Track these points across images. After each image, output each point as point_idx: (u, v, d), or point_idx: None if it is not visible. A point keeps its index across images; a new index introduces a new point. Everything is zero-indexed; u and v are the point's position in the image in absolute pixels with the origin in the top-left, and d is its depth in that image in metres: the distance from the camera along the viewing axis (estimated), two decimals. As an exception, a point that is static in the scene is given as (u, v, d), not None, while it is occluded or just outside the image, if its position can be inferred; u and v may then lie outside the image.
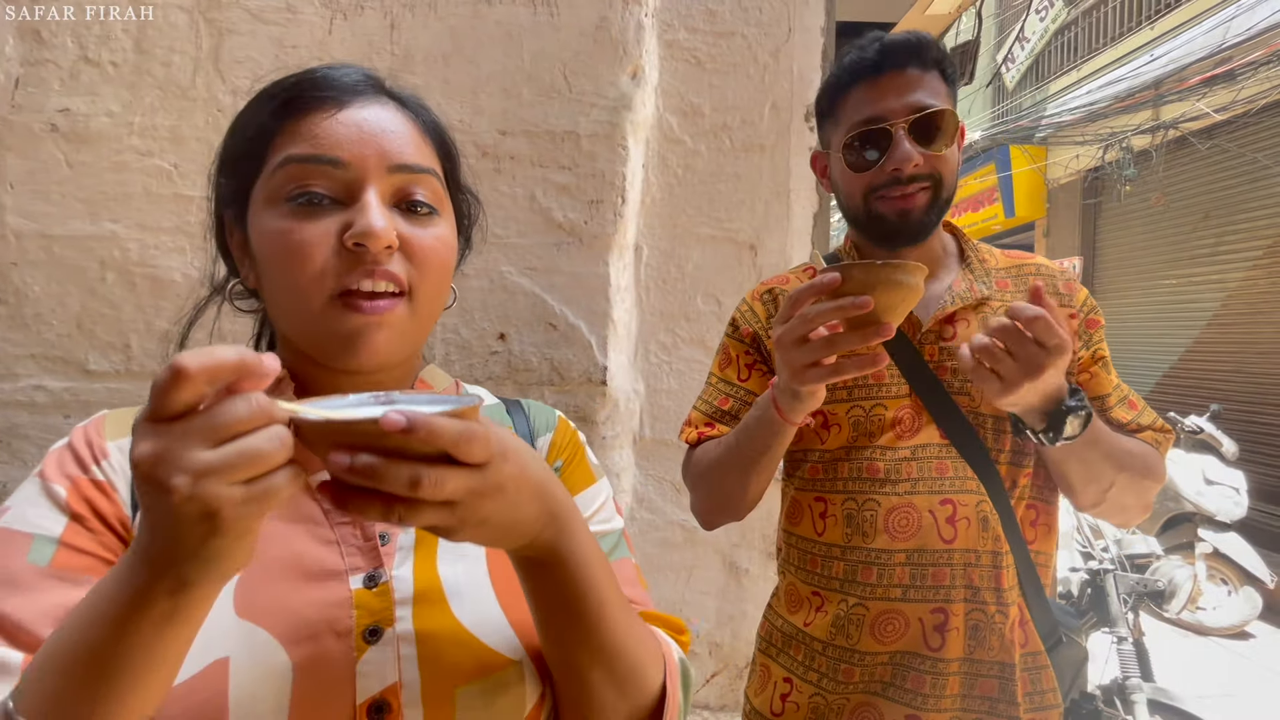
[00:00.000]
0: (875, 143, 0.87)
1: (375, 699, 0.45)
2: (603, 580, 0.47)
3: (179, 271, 1.18)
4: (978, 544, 0.85)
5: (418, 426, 0.32)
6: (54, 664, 0.35)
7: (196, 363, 0.31)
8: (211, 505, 0.31)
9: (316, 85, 0.50)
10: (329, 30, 1.19)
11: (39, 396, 1.17)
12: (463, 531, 0.38)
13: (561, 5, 1.22)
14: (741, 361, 0.99)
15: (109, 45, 1.16)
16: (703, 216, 1.34)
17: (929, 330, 0.90)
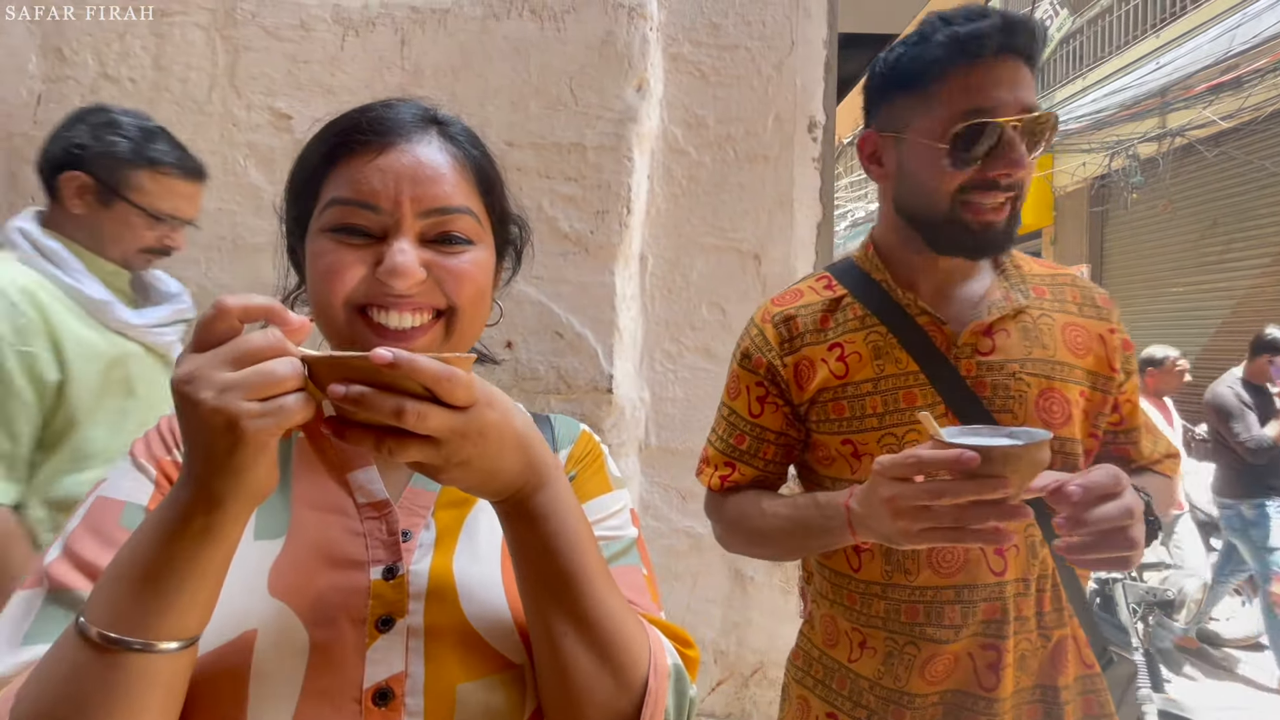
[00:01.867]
0: (982, 139, 0.74)
1: (381, 685, 0.47)
2: (583, 545, 0.49)
3: (194, 283, 1.20)
4: (1027, 571, 0.78)
5: (401, 361, 0.37)
6: (116, 577, 0.40)
7: (235, 301, 0.38)
8: (233, 416, 0.36)
9: (362, 128, 0.53)
10: (341, 46, 1.22)
11: (56, 404, 1.19)
12: (447, 471, 0.42)
13: (568, 20, 1.24)
14: (752, 395, 0.89)
15: (128, 62, 1.19)
16: (707, 226, 1.35)
17: (965, 344, 0.80)
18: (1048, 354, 0.81)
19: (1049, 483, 0.62)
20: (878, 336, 0.83)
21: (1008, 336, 0.81)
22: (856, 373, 0.83)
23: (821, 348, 0.85)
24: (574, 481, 0.61)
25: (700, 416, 1.36)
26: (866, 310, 0.85)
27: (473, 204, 0.55)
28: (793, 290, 0.92)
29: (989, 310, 0.80)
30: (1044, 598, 0.80)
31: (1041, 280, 0.86)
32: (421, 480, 0.56)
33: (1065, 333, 0.82)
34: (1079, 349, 0.82)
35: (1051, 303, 0.84)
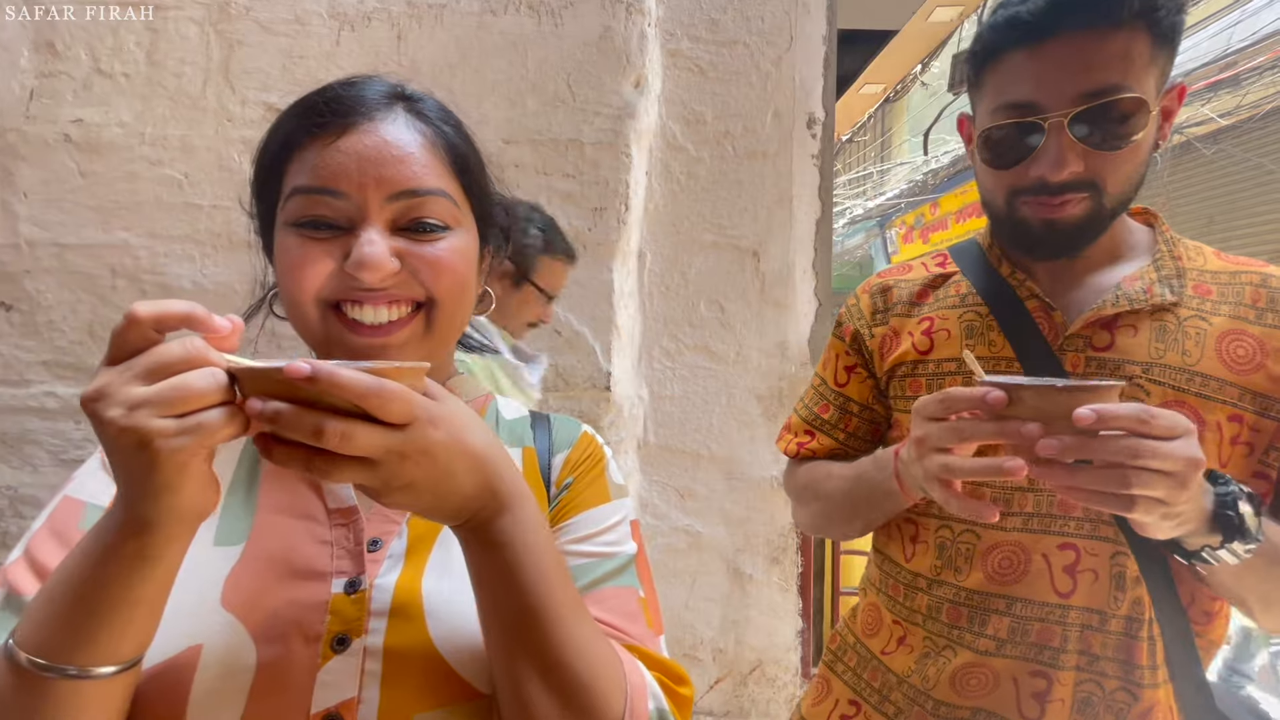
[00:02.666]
0: (1024, 136, 0.66)
1: (329, 711, 0.43)
2: (550, 576, 0.44)
3: (188, 279, 1.19)
4: (1106, 605, 0.67)
5: (320, 375, 0.33)
6: (47, 601, 0.38)
7: (148, 309, 0.34)
8: (144, 434, 0.33)
9: (320, 110, 0.49)
10: (336, 42, 1.21)
11: (50, 403, 1.18)
12: (390, 495, 0.38)
13: (565, 16, 1.23)
14: (840, 363, 0.86)
15: (121, 57, 1.18)
16: (705, 223, 1.35)
17: (1075, 334, 0.70)
18: (1186, 362, 0.66)
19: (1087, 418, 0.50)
20: (974, 316, 0.75)
21: (1133, 335, 0.68)
22: (940, 350, 0.76)
23: (912, 320, 0.79)
24: (570, 490, 0.56)
25: (699, 414, 1.36)
26: (971, 288, 0.76)
27: (447, 185, 0.50)
28: (904, 264, 0.86)
29: (1117, 300, 0.68)
30: (1137, 645, 0.67)
31: (1211, 276, 0.71)
32: None
33: (1223, 341, 0.67)
34: (1240, 362, 0.66)
35: (1216, 303, 0.69)
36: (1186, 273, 0.71)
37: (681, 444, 1.36)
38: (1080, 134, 0.64)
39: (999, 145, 0.69)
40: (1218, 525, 0.57)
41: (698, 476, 1.37)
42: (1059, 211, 0.67)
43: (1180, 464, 0.51)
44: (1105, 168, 0.65)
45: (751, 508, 1.38)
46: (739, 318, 1.36)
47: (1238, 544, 0.57)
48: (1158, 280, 0.70)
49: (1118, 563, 0.67)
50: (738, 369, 1.36)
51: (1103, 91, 0.63)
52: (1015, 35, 0.66)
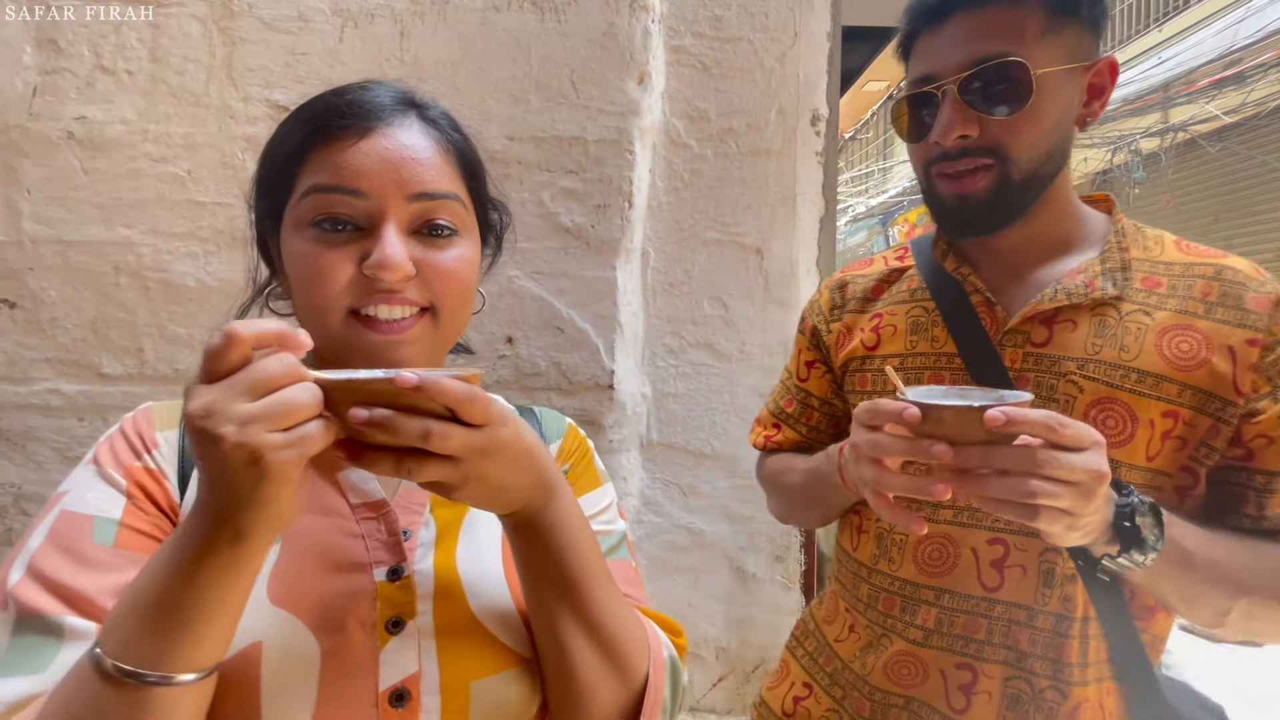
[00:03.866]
0: (925, 107, 0.70)
1: (396, 687, 0.47)
2: (588, 552, 0.49)
3: (192, 276, 1.19)
4: (1033, 600, 0.68)
5: (428, 385, 0.36)
6: (132, 610, 0.39)
7: (247, 329, 0.37)
8: (256, 450, 0.35)
9: (341, 112, 0.50)
10: (340, 39, 1.21)
11: (54, 400, 1.19)
12: (464, 488, 0.41)
13: (569, 13, 1.23)
14: (802, 358, 0.89)
15: (124, 54, 1.18)
16: (709, 221, 1.34)
17: (1014, 329, 0.70)
18: (1123, 358, 0.66)
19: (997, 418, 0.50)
20: (920, 311, 0.76)
21: (1072, 329, 0.68)
22: (887, 346, 0.78)
23: (864, 316, 0.82)
24: (567, 476, 0.60)
25: (702, 412, 1.36)
26: (922, 284, 0.78)
27: (458, 189, 0.53)
28: (868, 259, 0.89)
29: (1056, 294, 0.68)
30: (1066, 643, 0.67)
31: (1165, 269, 0.69)
32: None
33: (1164, 336, 0.66)
34: (1182, 358, 0.65)
35: (1163, 297, 0.68)
36: (1135, 265, 0.70)
37: (684, 442, 1.36)
38: (969, 99, 0.67)
39: (908, 121, 0.72)
40: (1116, 535, 0.58)
41: (701, 474, 1.36)
42: (965, 184, 0.69)
43: (1085, 475, 0.52)
44: (1003, 134, 0.67)
45: (755, 505, 1.37)
46: (742, 315, 1.35)
47: (1135, 553, 0.58)
48: (1101, 274, 0.69)
49: (1047, 559, 0.67)
50: (741, 367, 1.35)
51: (988, 58, 0.65)
52: (921, 20, 0.70)
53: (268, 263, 0.59)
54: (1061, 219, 0.73)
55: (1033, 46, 0.65)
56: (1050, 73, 0.65)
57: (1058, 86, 0.66)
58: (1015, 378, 0.69)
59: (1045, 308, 0.69)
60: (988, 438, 0.51)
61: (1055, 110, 0.67)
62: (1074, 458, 0.52)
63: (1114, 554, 0.59)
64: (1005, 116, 0.66)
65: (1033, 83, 0.65)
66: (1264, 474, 0.66)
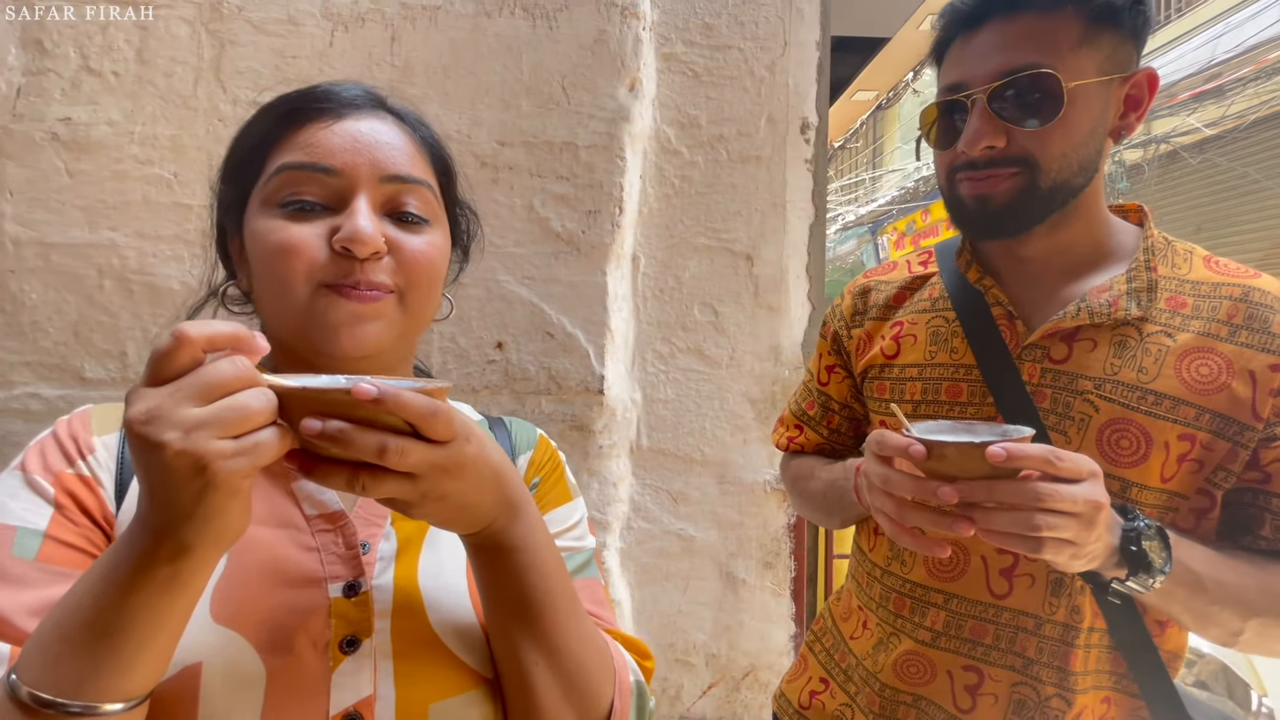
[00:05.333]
0: (954, 116, 0.70)
1: (349, 711, 0.44)
2: (553, 575, 0.47)
3: (177, 280, 1.18)
4: (1040, 609, 0.68)
5: (386, 397, 0.34)
6: (57, 632, 0.35)
7: (197, 330, 0.34)
8: (202, 458, 0.32)
9: (316, 98, 0.51)
10: (330, 42, 1.20)
11: (34, 404, 1.17)
12: (422, 506, 0.39)
13: (560, 19, 1.23)
14: (823, 362, 0.90)
15: (111, 55, 1.17)
16: (699, 227, 1.35)
17: (1034, 344, 0.70)
18: (1141, 379, 0.65)
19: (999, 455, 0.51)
20: (941, 321, 0.76)
21: (1092, 348, 0.67)
22: (906, 355, 0.77)
23: (884, 324, 0.82)
24: (538, 490, 0.58)
25: (692, 418, 1.36)
26: (944, 293, 0.78)
27: (430, 179, 0.53)
28: (890, 263, 0.88)
29: (1079, 312, 0.68)
30: (1072, 652, 0.67)
31: (1192, 288, 0.68)
32: None
33: (1184, 359, 0.65)
34: (1201, 382, 0.64)
35: (1187, 318, 0.67)
36: (1161, 284, 0.69)
37: (674, 447, 1.36)
38: (998, 109, 0.66)
39: (937, 127, 0.72)
40: (1124, 559, 0.58)
41: (690, 480, 1.36)
42: (988, 186, 0.68)
43: (1084, 506, 0.53)
44: (1032, 145, 0.66)
45: (744, 512, 1.37)
46: (732, 321, 1.36)
47: (1144, 576, 0.58)
48: (1126, 293, 0.68)
49: (1055, 571, 0.68)
50: (731, 372, 1.36)
51: (1019, 69, 0.64)
52: (955, 26, 0.70)
53: (225, 262, 0.58)
54: (1090, 230, 0.72)
55: (1067, 57, 0.64)
56: (1084, 84, 0.64)
57: (1091, 98, 0.65)
58: (1032, 393, 0.69)
59: (1067, 325, 0.68)
60: (991, 473, 0.52)
61: (1088, 122, 0.66)
62: (1074, 489, 0.53)
63: (1122, 577, 0.59)
64: (1035, 128, 0.65)
65: (1064, 95, 0.64)
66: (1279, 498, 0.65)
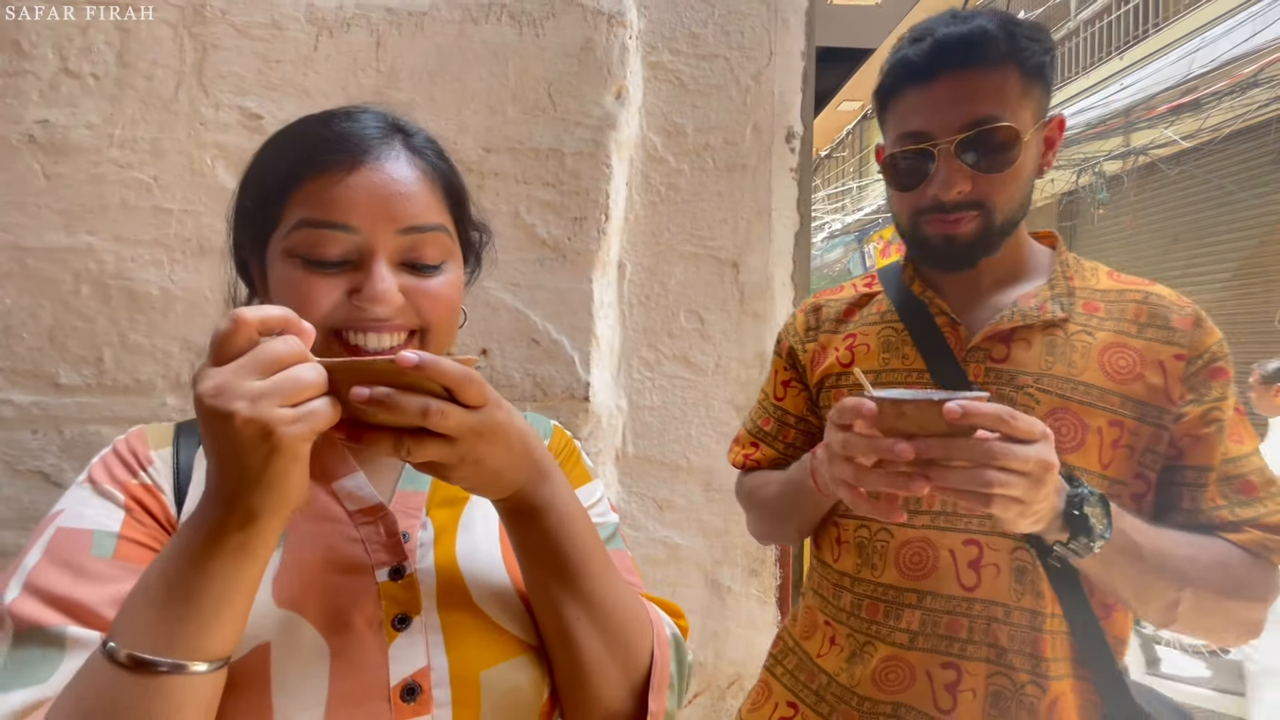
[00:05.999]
0: (920, 161, 0.75)
1: (407, 681, 0.48)
2: (585, 532, 0.51)
3: (155, 284, 1.16)
4: (1007, 597, 0.72)
5: (427, 364, 0.38)
6: (144, 599, 0.39)
7: (252, 313, 0.38)
8: (268, 424, 0.36)
9: (329, 145, 0.51)
10: (314, 47, 1.20)
11: (6, 411, 1.14)
12: (460, 469, 0.43)
13: (547, 26, 1.24)
14: (779, 378, 0.94)
15: (90, 57, 1.15)
16: (685, 234, 1.35)
17: (977, 347, 0.77)
18: (1071, 373, 0.73)
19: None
20: (891, 331, 0.83)
21: (1027, 348, 0.75)
22: (861, 362, 0.83)
23: (837, 337, 0.88)
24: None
25: (678, 425, 1.36)
26: (891, 307, 0.85)
27: (444, 220, 0.54)
28: (838, 286, 0.95)
29: (1013, 315, 0.76)
30: (1040, 638, 0.71)
31: (1101, 295, 0.78)
32: (410, 482, 0.56)
33: (1105, 354, 0.74)
34: (1121, 373, 0.73)
35: (1102, 320, 0.76)
36: (1077, 292, 0.79)
37: (660, 455, 1.35)
38: (965, 159, 0.73)
39: (901, 170, 0.77)
40: (1066, 523, 0.62)
41: (676, 488, 1.36)
42: (955, 228, 0.75)
43: (1034, 465, 0.56)
44: (990, 189, 0.74)
45: (730, 519, 1.37)
46: (718, 329, 1.36)
47: (1084, 539, 0.62)
48: (1050, 298, 0.77)
49: (1018, 557, 0.72)
50: (717, 380, 1.36)
51: (981, 121, 0.72)
52: (907, 75, 0.75)
53: (247, 283, 0.59)
54: (1017, 250, 0.82)
55: (1016, 109, 0.72)
56: (1029, 133, 0.73)
57: (1031, 144, 0.74)
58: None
59: (1004, 327, 0.76)
60: (947, 430, 0.55)
61: (1030, 164, 0.76)
62: (1025, 449, 0.56)
63: (1064, 541, 0.63)
64: (996, 174, 0.73)
65: (1020, 145, 0.72)
66: (1194, 469, 0.73)
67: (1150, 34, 5.87)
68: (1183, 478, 0.73)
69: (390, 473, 0.56)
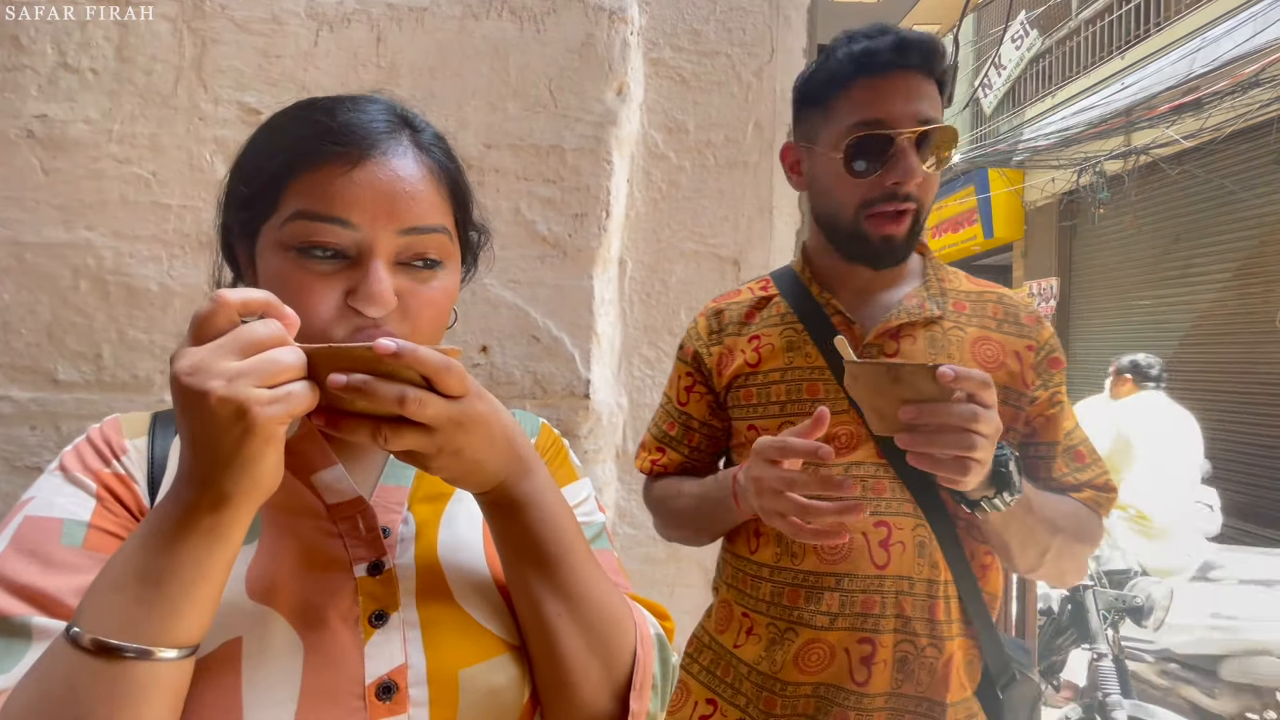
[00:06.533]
0: (876, 150, 0.78)
1: (383, 680, 0.47)
2: (569, 530, 0.50)
3: (154, 280, 1.16)
4: (912, 570, 0.80)
5: (404, 351, 0.38)
6: (110, 583, 0.38)
7: (234, 295, 0.38)
8: (243, 404, 0.35)
9: (334, 136, 0.48)
10: (314, 42, 1.19)
11: (4, 407, 1.14)
12: (439, 459, 0.42)
13: (548, 22, 1.23)
14: (682, 383, 0.97)
15: (89, 52, 1.15)
16: (686, 231, 1.35)
17: (871, 343, 0.84)
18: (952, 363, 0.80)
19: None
20: (792, 332, 0.88)
21: (914, 342, 0.84)
22: (768, 362, 0.88)
23: (743, 339, 0.91)
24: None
25: (678, 423, 1.35)
26: (789, 308, 0.90)
27: (446, 220, 0.53)
28: (734, 290, 0.99)
29: (899, 315, 0.84)
30: (936, 603, 0.80)
31: (965, 296, 0.89)
32: (392, 477, 0.55)
33: (975, 346, 0.85)
34: (989, 362, 0.84)
35: (969, 317, 0.87)
36: (949, 292, 0.88)
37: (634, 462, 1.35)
38: (921, 152, 0.78)
39: (862, 155, 0.80)
40: (994, 480, 0.70)
41: (677, 486, 1.35)
42: (897, 224, 0.81)
43: (995, 429, 0.63)
44: (927, 187, 0.81)
45: (730, 517, 1.37)
46: (719, 326, 1.35)
47: (1007, 494, 0.70)
48: (928, 298, 0.86)
49: (918, 533, 0.80)
50: (718, 378, 1.35)
51: (929, 120, 0.78)
52: (869, 67, 0.79)
53: (233, 267, 0.58)
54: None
55: (941, 117, 0.80)
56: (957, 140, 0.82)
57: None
58: None
59: (893, 324, 0.84)
60: (938, 394, 0.59)
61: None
62: (991, 412, 0.63)
63: (990, 496, 0.71)
64: (934, 172, 0.81)
65: (954, 147, 0.81)
66: (1045, 445, 0.86)
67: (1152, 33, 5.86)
68: (1037, 452, 0.86)
69: (372, 467, 0.55)
